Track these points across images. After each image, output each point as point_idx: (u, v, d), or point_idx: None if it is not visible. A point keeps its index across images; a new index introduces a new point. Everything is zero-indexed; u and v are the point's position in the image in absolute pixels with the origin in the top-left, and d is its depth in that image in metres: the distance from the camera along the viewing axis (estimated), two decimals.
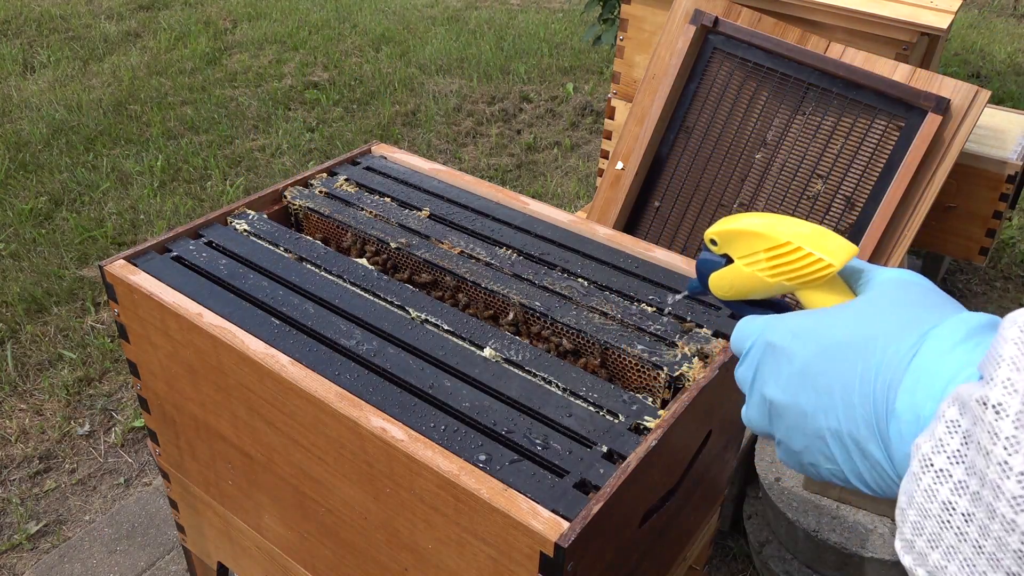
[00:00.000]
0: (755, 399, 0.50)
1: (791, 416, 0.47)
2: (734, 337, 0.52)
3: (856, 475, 0.45)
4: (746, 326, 0.51)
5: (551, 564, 0.69)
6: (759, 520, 1.64)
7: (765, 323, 0.50)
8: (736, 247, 0.55)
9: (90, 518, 1.82)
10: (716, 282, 0.58)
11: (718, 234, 0.56)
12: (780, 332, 0.48)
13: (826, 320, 0.47)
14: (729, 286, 0.57)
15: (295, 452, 0.91)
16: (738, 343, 0.52)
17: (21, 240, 2.64)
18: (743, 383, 0.51)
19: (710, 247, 0.57)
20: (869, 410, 0.42)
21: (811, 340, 0.46)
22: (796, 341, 0.47)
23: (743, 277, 0.55)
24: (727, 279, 0.56)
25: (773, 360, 0.48)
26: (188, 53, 4.03)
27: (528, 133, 3.45)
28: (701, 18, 1.62)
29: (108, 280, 1.02)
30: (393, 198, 1.19)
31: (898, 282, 0.48)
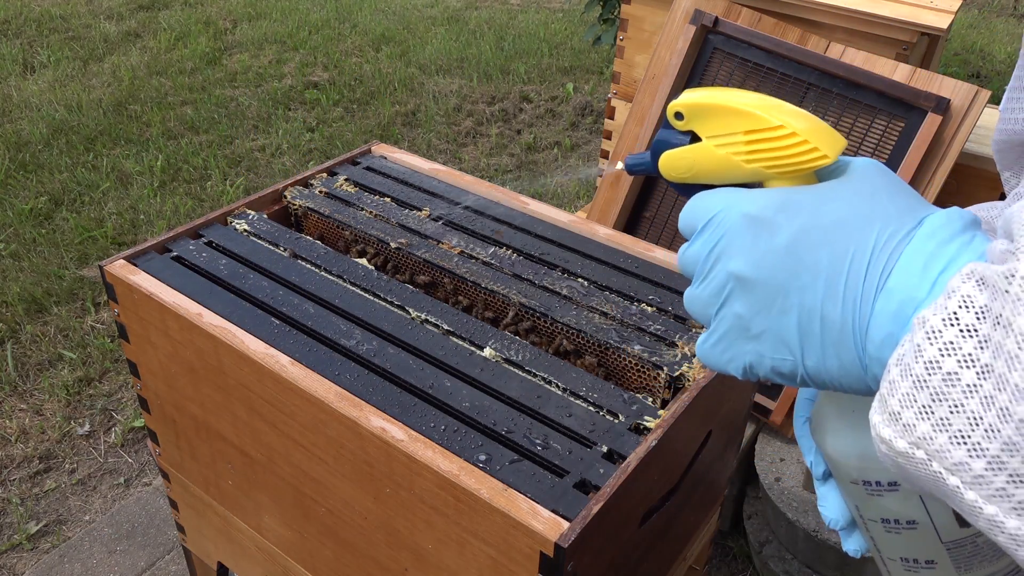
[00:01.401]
0: (714, 275, 0.46)
1: (760, 293, 0.44)
2: (688, 212, 0.48)
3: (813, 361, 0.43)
4: (707, 199, 0.47)
5: (551, 564, 0.69)
6: (759, 520, 1.64)
7: (735, 196, 0.46)
8: (709, 124, 0.49)
9: (90, 518, 1.82)
10: (671, 161, 0.51)
11: (688, 106, 0.50)
12: (760, 204, 0.45)
13: (817, 196, 0.45)
14: (687, 167, 0.50)
15: (295, 452, 0.91)
16: (693, 217, 0.47)
17: (21, 240, 2.64)
18: (695, 260, 0.47)
19: (673, 122, 0.51)
20: (856, 289, 0.41)
21: (800, 214, 0.44)
22: (782, 214, 0.44)
23: (710, 159, 0.49)
24: (687, 159, 0.50)
25: (749, 232, 0.45)
26: (188, 53, 4.03)
27: (528, 133, 3.45)
28: (701, 18, 1.62)
29: (108, 280, 1.02)
30: (393, 198, 1.19)
31: (879, 168, 0.46)
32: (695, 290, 0.48)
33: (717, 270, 0.46)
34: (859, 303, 0.41)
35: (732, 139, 0.48)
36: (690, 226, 0.48)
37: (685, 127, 0.50)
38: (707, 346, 0.48)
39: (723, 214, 0.46)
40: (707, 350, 0.48)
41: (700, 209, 0.47)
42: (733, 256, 0.45)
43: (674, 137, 0.51)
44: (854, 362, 0.42)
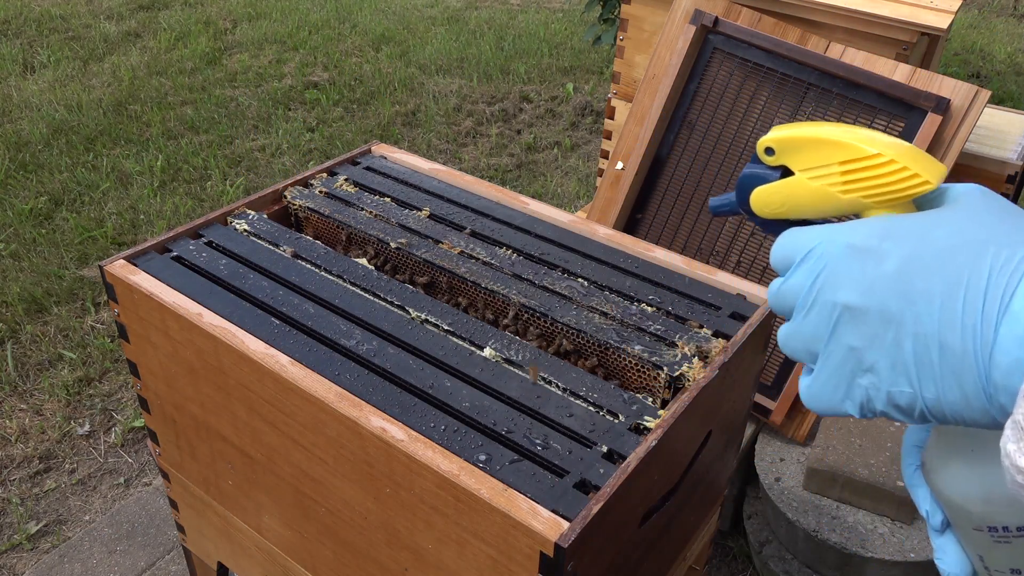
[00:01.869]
0: (818, 308, 0.45)
1: (871, 322, 0.43)
2: (782, 247, 0.47)
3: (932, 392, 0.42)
4: (801, 234, 0.46)
5: (551, 564, 0.69)
6: (759, 520, 1.64)
7: (834, 228, 0.45)
8: (802, 158, 0.49)
9: (90, 518, 1.82)
10: (763, 197, 0.51)
11: (779, 141, 0.50)
12: (863, 233, 0.44)
13: (923, 223, 0.43)
14: (781, 202, 0.50)
15: (295, 452, 0.91)
16: (789, 252, 0.47)
17: (21, 240, 2.64)
18: (795, 293, 0.46)
19: (763, 158, 0.51)
20: (975, 314, 0.40)
21: (908, 241, 0.43)
22: (888, 242, 0.43)
23: (805, 192, 0.49)
24: (781, 194, 0.50)
25: (855, 261, 0.43)
26: (188, 53, 4.03)
27: (528, 133, 3.45)
28: (701, 18, 1.62)
29: (108, 280, 1.02)
30: (393, 198, 1.19)
31: (983, 192, 0.45)
32: (796, 325, 0.46)
33: (822, 301, 0.45)
34: (980, 329, 0.39)
35: (827, 171, 0.48)
36: (786, 260, 0.47)
37: (776, 162, 0.50)
38: (817, 385, 0.46)
39: (823, 245, 0.45)
40: (817, 390, 0.46)
41: (797, 243, 0.46)
42: (840, 286, 0.44)
43: (763, 173, 0.51)
44: (977, 392, 0.40)
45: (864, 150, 0.46)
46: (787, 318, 0.48)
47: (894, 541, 1.44)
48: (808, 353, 0.47)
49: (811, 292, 0.45)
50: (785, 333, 0.48)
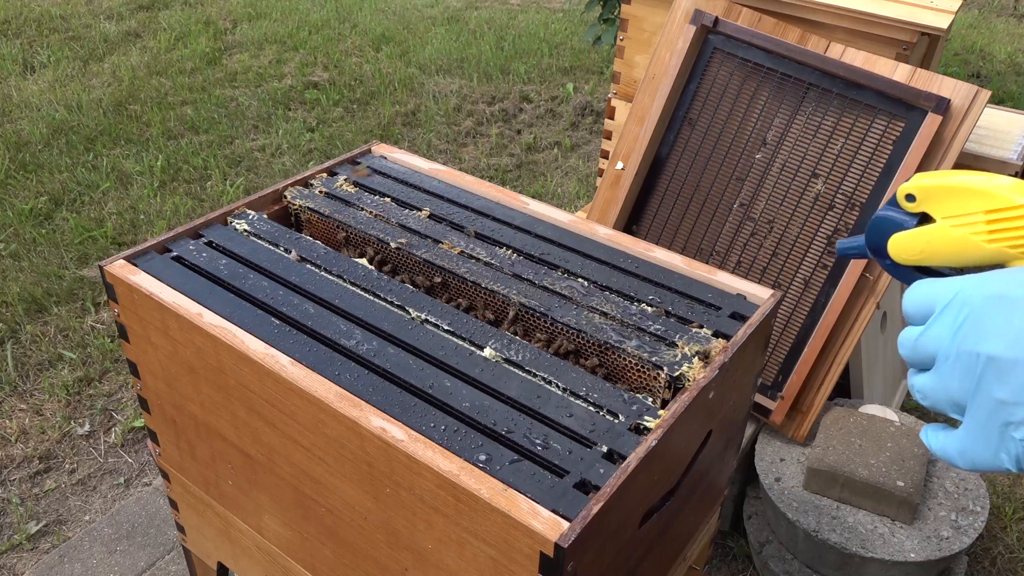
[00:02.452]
0: (962, 359, 0.44)
1: (1019, 375, 0.42)
2: (918, 295, 0.47)
3: None
4: (940, 284, 0.46)
5: (551, 564, 0.69)
6: (759, 520, 1.64)
7: (974, 277, 0.45)
8: (944, 205, 0.49)
9: (90, 518, 1.82)
10: (902, 243, 0.51)
11: (922, 189, 0.50)
12: (1008, 283, 0.43)
13: None
14: (920, 249, 0.50)
15: (295, 452, 0.91)
16: (927, 301, 0.46)
17: (21, 240, 2.64)
18: (935, 343, 0.46)
19: (903, 204, 0.51)
20: None
21: None
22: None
23: (946, 240, 0.49)
24: (920, 241, 0.50)
25: (1000, 312, 0.43)
26: (188, 53, 4.03)
27: (528, 133, 3.45)
28: (701, 18, 1.62)
29: (108, 280, 1.02)
30: (393, 198, 1.19)
31: None
32: (939, 376, 0.46)
33: (966, 352, 0.44)
34: None
35: (971, 219, 0.48)
36: (924, 308, 0.46)
37: (917, 209, 0.50)
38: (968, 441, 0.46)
39: (964, 294, 0.44)
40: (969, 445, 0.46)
41: (936, 292, 0.46)
42: (984, 338, 0.43)
43: (900, 219, 0.51)
44: None
45: (1012, 200, 0.46)
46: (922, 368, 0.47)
47: (894, 541, 1.44)
48: (953, 405, 0.46)
49: (954, 341, 0.44)
50: (928, 385, 0.47)
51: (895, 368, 2.05)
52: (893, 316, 1.96)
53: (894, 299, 1.95)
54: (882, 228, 0.53)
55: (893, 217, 0.52)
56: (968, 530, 1.45)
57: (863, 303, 1.51)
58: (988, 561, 1.73)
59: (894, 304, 1.94)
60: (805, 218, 1.56)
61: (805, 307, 1.56)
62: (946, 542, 1.43)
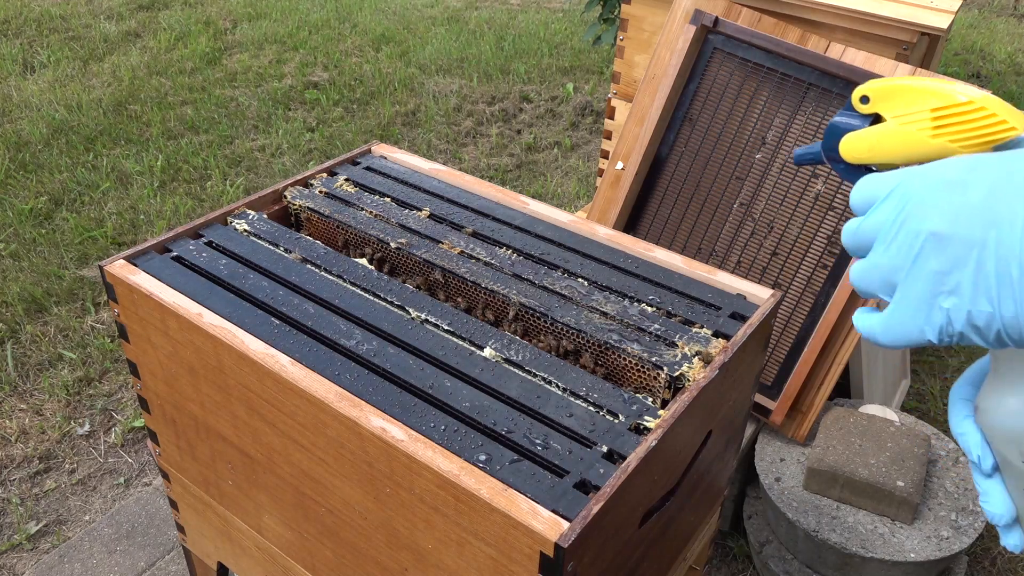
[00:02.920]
0: (903, 238, 0.48)
1: (956, 247, 0.46)
2: (865, 186, 0.51)
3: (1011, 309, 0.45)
4: (886, 175, 0.50)
5: (551, 564, 0.69)
6: (759, 520, 1.64)
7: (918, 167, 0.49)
8: (895, 104, 0.53)
9: (90, 518, 1.82)
10: (853, 142, 0.56)
11: (875, 90, 0.54)
12: (949, 167, 0.48)
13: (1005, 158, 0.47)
14: (869, 147, 0.55)
15: (295, 452, 0.91)
16: (872, 191, 0.50)
17: (21, 240, 2.64)
18: (876, 227, 0.50)
19: (857, 106, 0.55)
20: None
21: (991, 173, 0.46)
22: (973, 174, 0.47)
23: (894, 137, 0.53)
24: (870, 139, 0.55)
25: (942, 193, 0.47)
26: (188, 53, 4.03)
27: (528, 133, 3.45)
28: (701, 18, 1.62)
29: (108, 280, 1.02)
30: (393, 198, 1.19)
31: None
32: (877, 258, 0.50)
33: (908, 230, 0.48)
34: None
35: (918, 116, 0.52)
36: (868, 198, 0.50)
37: (869, 110, 0.55)
38: (896, 316, 0.50)
39: (908, 181, 0.49)
40: (897, 319, 0.50)
41: (881, 182, 0.50)
42: (926, 216, 0.47)
43: (854, 120, 0.56)
44: None
45: (956, 98, 0.50)
46: (860, 256, 0.51)
47: (894, 541, 1.44)
48: (886, 285, 0.50)
49: (895, 223, 0.49)
50: (863, 268, 0.51)
51: (895, 368, 2.05)
52: None
53: None
54: (836, 131, 0.56)
55: (847, 121, 0.56)
56: (968, 530, 1.45)
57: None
58: (988, 561, 1.73)
59: None
60: (805, 218, 1.56)
61: (805, 307, 1.56)
62: (946, 542, 1.43)
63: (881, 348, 1.89)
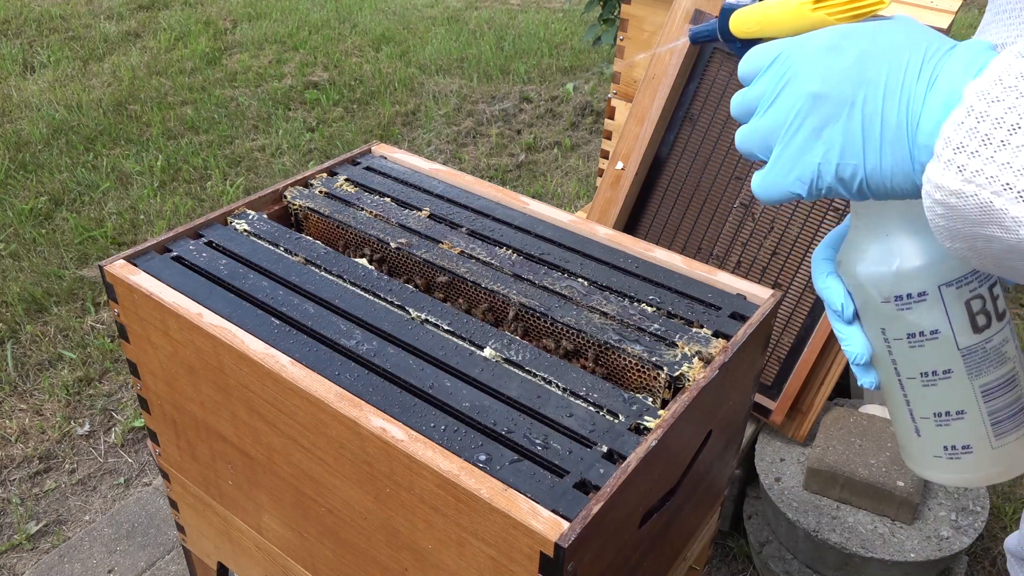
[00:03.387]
0: (784, 98, 0.53)
1: (831, 105, 0.51)
2: (751, 57, 0.55)
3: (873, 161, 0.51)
4: (770, 45, 0.55)
5: (551, 564, 0.69)
6: (759, 520, 1.64)
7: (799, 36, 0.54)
8: None
9: (90, 518, 1.82)
10: (742, 17, 0.60)
11: None
12: (826, 35, 0.53)
13: (873, 28, 0.52)
14: (757, 21, 0.59)
15: (295, 452, 0.91)
16: (757, 59, 0.55)
17: (21, 240, 2.64)
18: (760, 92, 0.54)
19: None
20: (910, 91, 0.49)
21: (862, 40, 0.52)
22: (847, 40, 0.52)
23: (779, 10, 0.58)
24: (758, 14, 0.59)
25: (819, 57, 0.52)
26: (188, 53, 4.03)
27: (528, 133, 3.45)
28: (701, 18, 1.62)
29: (108, 280, 1.02)
30: (393, 198, 1.19)
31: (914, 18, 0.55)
32: (758, 121, 0.54)
33: (788, 92, 0.53)
34: (911, 102, 0.49)
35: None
36: (754, 68, 0.55)
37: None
38: (773, 172, 0.54)
39: (789, 49, 0.54)
40: (772, 177, 0.54)
41: (764, 52, 0.55)
42: (805, 78, 0.52)
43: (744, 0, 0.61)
44: (905, 157, 0.49)
45: None
46: (744, 121, 0.56)
47: (894, 541, 1.44)
48: (765, 146, 0.55)
49: (777, 86, 0.53)
50: (746, 130, 0.56)
51: None
52: None
53: None
54: (728, 9, 0.61)
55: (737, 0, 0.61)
56: (968, 530, 1.45)
57: None
58: (988, 561, 1.73)
59: None
60: (805, 218, 1.56)
61: (805, 307, 1.56)
62: (946, 542, 1.43)
63: None
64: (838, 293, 0.62)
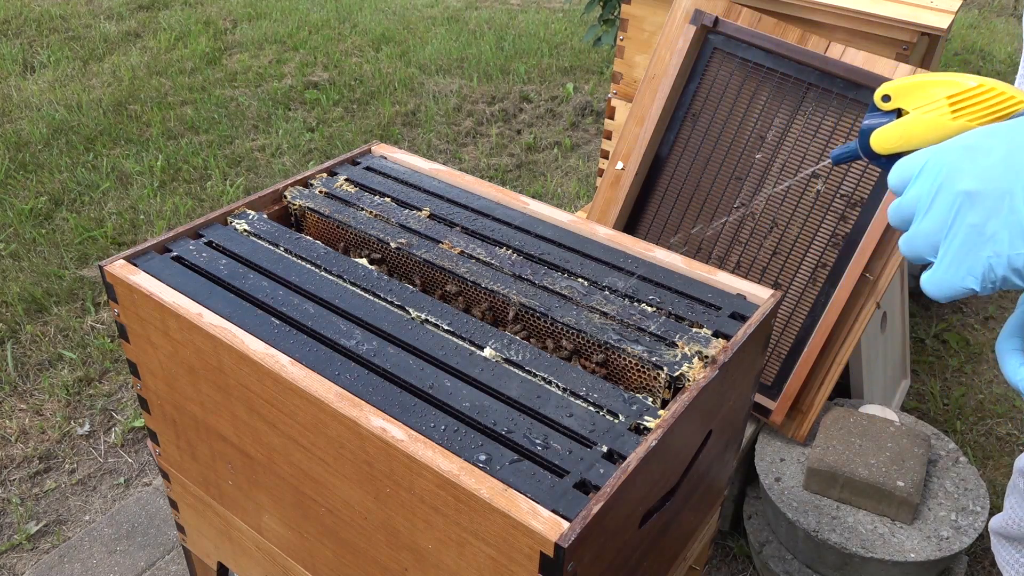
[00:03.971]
0: (940, 201, 0.54)
1: (989, 200, 0.52)
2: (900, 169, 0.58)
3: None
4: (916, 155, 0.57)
5: (551, 564, 0.69)
6: (759, 520, 1.64)
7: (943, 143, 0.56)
8: (914, 98, 0.61)
9: (90, 518, 1.82)
10: (883, 135, 0.63)
11: (894, 89, 0.62)
12: (969, 137, 0.55)
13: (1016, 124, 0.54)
14: (898, 136, 0.62)
15: (295, 452, 0.91)
16: (907, 170, 0.57)
17: (21, 240, 2.64)
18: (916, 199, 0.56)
19: (880, 105, 0.63)
20: None
21: (1007, 135, 0.54)
22: (991, 139, 0.54)
23: (919, 124, 0.61)
24: (898, 130, 0.62)
25: (967, 158, 0.54)
26: (188, 53, 4.03)
27: (528, 133, 3.45)
28: (701, 18, 1.62)
29: (108, 280, 1.02)
30: (393, 198, 1.19)
31: None
32: (919, 225, 0.56)
33: (943, 195, 0.54)
34: None
35: (936, 105, 0.60)
36: (904, 177, 0.58)
37: (892, 107, 0.63)
38: (941, 271, 0.56)
39: (936, 155, 0.56)
40: (942, 274, 0.56)
41: (913, 162, 0.57)
42: (958, 179, 0.54)
43: (881, 118, 0.64)
44: None
45: (967, 83, 0.59)
46: (905, 229, 0.58)
47: (894, 541, 1.44)
48: (931, 247, 0.56)
49: (931, 191, 0.55)
50: (909, 236, 0.58)
51: (895, 368, 2.05)
52: (893, 316, 1.96)
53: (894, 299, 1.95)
54: (868, 130, 0.64)
55: (875, 120, 0.64)
56: (968, 530, 1.45)
57: (863, 303, 1.51)
58: (988, 561, 1.73)
59: (894, 304, 1.94)
60: (805, 218, 1.56)
61: (805, 307, 1.56)
62: (946, 542, 1.43)
63: (881, 348, 1.89)
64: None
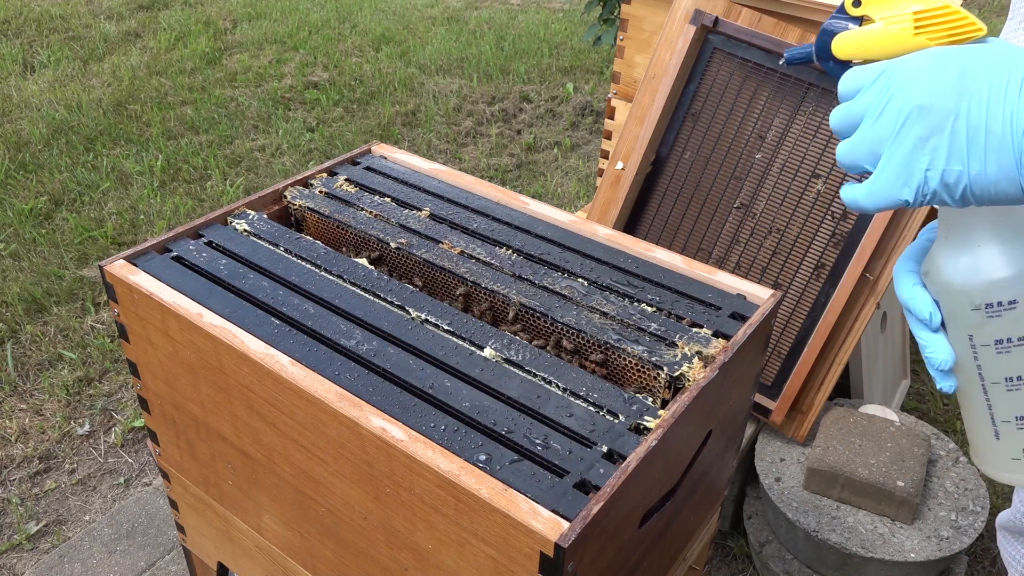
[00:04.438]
0: (890, 110, 0.57)
1: (936, 116, 0.55)
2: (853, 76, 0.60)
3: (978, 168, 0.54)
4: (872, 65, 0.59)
5: (551, 564, 0.69)
6: (759, 520, 1.64)
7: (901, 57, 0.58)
8: (882, 7, 0.62)
9: (90, 518, 1.82)
10: (844, 40, 0.63)
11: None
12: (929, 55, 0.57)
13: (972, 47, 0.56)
14: (858, 45, 0.62)
15: (295, 452, 0.91)
16: (860, 77, 0.59)
17: (21, 240, 2.64)
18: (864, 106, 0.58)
19: (849, 9, 0.63)
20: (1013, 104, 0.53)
21: (963, 57, 0.56)
22: (948, 59, 0.56)
23: (881, 35, 0.61)
24: (859, 38, 0.62)
25: (923, 73, 0.56)
26: (188, 53, 4.03)
27: (528, 133, 3.45)
28: (701, 18, 1.62)
29: (108, 280, 1.02)
30: (393, 198, 1.19)
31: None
32: (865, 131, 0.58)
33: (895, 104, 0.57)
34: (1016, 114, 0.53)
35: (902, 18, 0.60)
36: (856, 84, 0.59)
37: (860, 12, 0.63)
38: (880, 181, 0.58)
39: (894, 67, 0.58)
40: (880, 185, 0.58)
41: (868, 70, 0.59)
42: (912, 91, 0.56)
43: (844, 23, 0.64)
44: (1011, 163, 0.53)
45: (933, 3, 0.60)
46: (847, 135, 0.60)
47: (894, 541, 1.44)
48: (873, 155, 0.58)
49: (883, 100, 0.57)
50: (851, 143, 0.59)
51: (895, 368, 2.05)
52: (893, 316, 1.96)
53: (894, 299, 1.95)
54: (830, 32, 0.64)
55: (839, 22, 0.64)
56: (968, 530, 1.45)
57: (863, 303, 1.51)
58: (988, 561, 1.73)
59: (894, 304, 1.94)
60: (805, 218, 1.56)
61: (805, 307, 1.56)
62: (946, 542, 1.43)
63: (881, 348, 1.89)
64: (925, 302, 0.64)
